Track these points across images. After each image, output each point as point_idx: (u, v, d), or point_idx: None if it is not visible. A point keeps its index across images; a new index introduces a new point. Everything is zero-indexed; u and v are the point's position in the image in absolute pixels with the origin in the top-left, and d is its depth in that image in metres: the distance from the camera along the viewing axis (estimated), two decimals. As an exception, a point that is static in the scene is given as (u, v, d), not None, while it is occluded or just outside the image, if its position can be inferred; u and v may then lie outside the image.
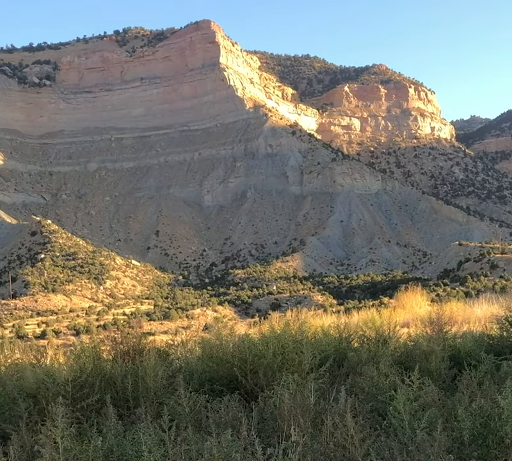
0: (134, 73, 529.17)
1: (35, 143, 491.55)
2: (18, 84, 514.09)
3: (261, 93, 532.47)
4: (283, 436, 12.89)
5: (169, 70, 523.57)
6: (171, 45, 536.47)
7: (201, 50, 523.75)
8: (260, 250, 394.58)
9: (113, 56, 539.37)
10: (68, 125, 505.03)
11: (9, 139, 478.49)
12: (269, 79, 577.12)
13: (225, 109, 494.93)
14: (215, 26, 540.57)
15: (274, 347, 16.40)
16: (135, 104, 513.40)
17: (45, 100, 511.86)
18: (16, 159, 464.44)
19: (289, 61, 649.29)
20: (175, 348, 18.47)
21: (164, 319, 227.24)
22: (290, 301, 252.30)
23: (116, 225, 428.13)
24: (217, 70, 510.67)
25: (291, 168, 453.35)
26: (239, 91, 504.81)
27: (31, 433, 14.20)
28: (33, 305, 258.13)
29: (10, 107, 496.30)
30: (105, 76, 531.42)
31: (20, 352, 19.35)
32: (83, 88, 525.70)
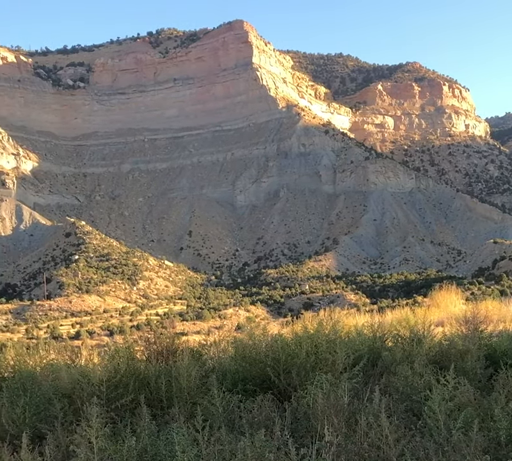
0: (167, 74, 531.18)
1: (69, 144, 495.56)
2: (52, 86, 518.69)
3: (294, 93, 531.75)
4: (317, 437, 12.82)
5: (202, 70, 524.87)
6: (204, 46, 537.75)
7: (234, 50, 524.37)
8: (293, 249, 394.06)
9: (146, 57, 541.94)
10: (102, 126, 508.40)
11: (44, 142, 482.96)
12: (302, 78, 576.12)
13: (258, 109, 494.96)
14: (248, 26, 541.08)
15: (308, 347, 16.33)
16: (168, 105, 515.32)
17: (79, 102, 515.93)
18: (51, 161, 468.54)
19: (322, 60, 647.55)
20: (208, 348, 18.47)
21: (196, 319, 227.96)
22: (323, 301, 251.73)
23: (149, 225, 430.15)
24: (250, 69, 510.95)
25: (324, 167, 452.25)
26: (271, 90, 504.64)
27: (66, 433, 14.28)
28: (67, 306, 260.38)
29: (45, 110, 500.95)
30: (138, 77, 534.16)
31: (55, 353, 19.47)
32: (117, 89, 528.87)
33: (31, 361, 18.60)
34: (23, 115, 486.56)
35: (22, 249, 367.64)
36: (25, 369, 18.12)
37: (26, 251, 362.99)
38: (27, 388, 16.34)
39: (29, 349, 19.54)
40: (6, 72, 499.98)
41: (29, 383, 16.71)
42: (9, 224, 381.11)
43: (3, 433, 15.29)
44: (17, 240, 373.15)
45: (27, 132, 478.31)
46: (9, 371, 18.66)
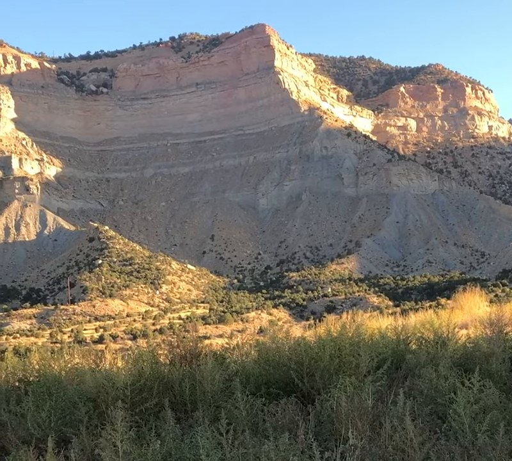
0: (190, 79, 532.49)
1: (92, 150, 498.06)
2: (75, 92, 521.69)
3: (316, 96, 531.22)
4: (341, 440, 12.79)
5: (225, 74, 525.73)
6: (226, 50, 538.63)
7: (256, 54, 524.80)
8: (315, 252, 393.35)
9: (169, 62, 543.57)
10: (125, 131, 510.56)
11: (67, 147, 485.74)
12: (324, 81, 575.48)
13: (280, 113, 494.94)
14: (270, 30, 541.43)
15: (331, 350, 16.30)
16: (190, 110, 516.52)
17: (102, 107, 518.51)
18: (74, 166, 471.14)
19: (344, 62, 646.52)
20: (231, 352, 18.49)
21: (219, 323, 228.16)
22: (346, 304, 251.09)
23: (172, 230, 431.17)
24: (272, 73, 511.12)
25: (346, 170, 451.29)
26: (293, 94, 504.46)
27: (91, 437, 14.35)
28: (91, 310, 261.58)
29: (68, 115, 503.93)
30: (161, 82, 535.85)
31: (79, 357, 19.58)
32: (139, 94, 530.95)
33: (56, 365, 18.72)
34: (47, 121, 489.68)
35: (46, 254, 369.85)
36: (51, 374, 18.23)
37: (50, 256, 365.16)
38: (53, 393, 16.43)
39: (54, 354, 19.67)
40: (29, 79, 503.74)
41: (54, 387, 16.79)
42: (33, 229, 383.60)
43: (29, 437, 15.39)
44: (41, 245, 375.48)
45: (50, 137, 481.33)
46: (35, 375, 18.78)
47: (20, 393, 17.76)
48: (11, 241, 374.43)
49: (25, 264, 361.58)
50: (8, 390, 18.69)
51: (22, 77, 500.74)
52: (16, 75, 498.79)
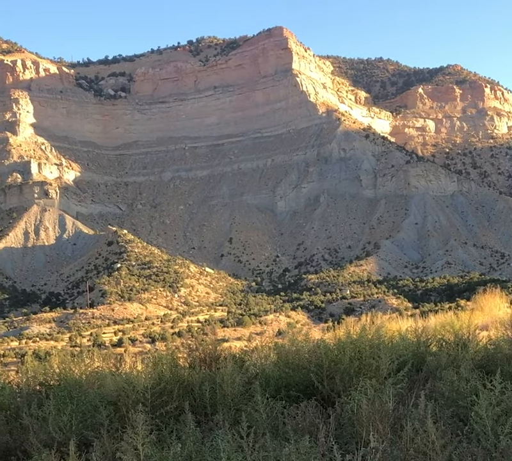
0: (207, 82, 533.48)
1: (111, 154, 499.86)
2: (94, 96, 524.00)
3: (334, 98, 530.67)
4: (362, 443, 12.74)
5: (242, 77, 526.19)
6: (244, 53, 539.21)
7: (273, 57, 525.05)
8: (334, 254, 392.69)
9: (187, 65, 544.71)
10: (143, 135, 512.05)
11: (86, 151, 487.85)
12: (342, 83, 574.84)
13: (298, 115, 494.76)
14: (287, 32, 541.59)
15: (351, 353, 16.25)
16: (208, 113, 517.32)
17: (121, 111, 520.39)
18: (93, 171, 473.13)
19: (362, 64, 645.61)
20: (250, 354, 18.48)
21: (237, 326, 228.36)
22: (364, 306, 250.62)
23: (190, 233, 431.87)
24: (290, 76, 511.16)
25: (365, 172, 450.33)
26: (311, 96, 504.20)
27: (112, 440, 14.37)
28: (110, 314, 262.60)
29: (87, 120, 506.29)
30: (179, 86, 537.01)
31: (99, 360, 19.62)
32: (157, 98, 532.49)
33: (77, 369, 18.77)
34: (65, 126, 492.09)
35: (65, 258, 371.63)
36: (71, 377, 18.29)
37: (69, 260, 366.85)
38: (74, 396, 16.49)
39: (74, 358, 19.73)
40: (48, 84, 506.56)
41: (75, 391, 16.85)
42: (52, 233, 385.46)
43: (50, 440, 15.44)
44: (60, 249, 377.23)
45: (69, 142, 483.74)
46: (55, 379, 18.84)
47: (41, 397, 17.83)
48: (31, 246, 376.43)
49: (44, 268, 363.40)
50: (29, 394, 18.77)
51: (40, 82, 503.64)
52: (35, 80, 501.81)
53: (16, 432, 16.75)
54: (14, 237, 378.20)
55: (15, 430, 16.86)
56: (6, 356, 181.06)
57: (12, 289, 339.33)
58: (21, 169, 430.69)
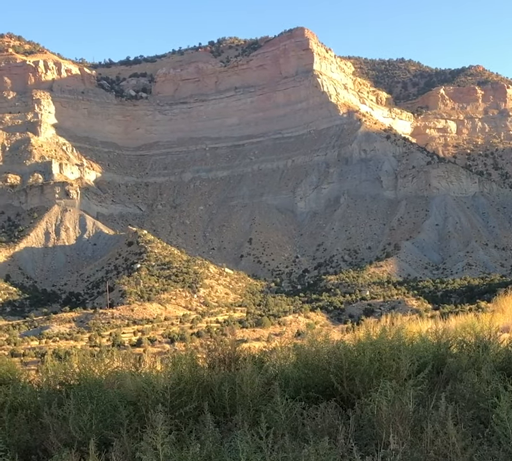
0: (228, 83, 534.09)
1: (132, 154, 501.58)
2: (115, 97, 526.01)
3: (355, 99, 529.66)
4: (382, 444, 12.69)
5: (263, 78, 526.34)
6: (265, 54, 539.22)
7: (295, 58, 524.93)
8: (353, 255, 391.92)
9: (208, 66, 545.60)
10: (164, 136, 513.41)
11: (107, 152, 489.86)
12: (363, 84, 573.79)
13: (319, 116, 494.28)
14: (308, 33, 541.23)
15: (371, 354, 16.19)
16: (229, 114, 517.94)
17: (142, 112, 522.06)
18: (114, 171, 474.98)
19: (383, 65, 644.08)
20: (269, 355, 18.45)
21: (256, 326, 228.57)
22: (384, 307, 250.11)
23: (209, 233, 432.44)
24: (311, 76, 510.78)
25: (385, 173, 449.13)
26: (332, 97, 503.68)
27: (131, 440, 14.40)
28: (129, 314, 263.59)
29: (108, 120, 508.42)
30: (200, 87, 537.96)
31: (118, 360, 19.67)
32: (178, 99, 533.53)
33: (97, 369, 18.84)
34: (86, 126, 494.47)
35: (85, 258, 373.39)
36: (91, 377, 18.36)
37: (89, 261, 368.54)
38: (94, 396, 16.54)
39: (94, 357, 19.79)
40: (70, 84, 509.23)
41: (95, 390, 16.91)
42: (73, 234, 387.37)
43: (70, 440, 15.50)
44: (81, 249, 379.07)
45: (90, 143, 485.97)
46: (75, 379, 18.92)
47: (61, 396, 17.90)
48: (51, 246, 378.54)
49: (64, 268, 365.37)
50: (49, 393, 18.85)
51: (62, 83, 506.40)
52: (57, 81, 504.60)
53: (36, 431, 16.83)
54: (35, 237, 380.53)
55: (35, 429, 16.95)
56: (26, 356, 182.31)
57: (33, 289, 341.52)
58: (42, 169, 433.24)
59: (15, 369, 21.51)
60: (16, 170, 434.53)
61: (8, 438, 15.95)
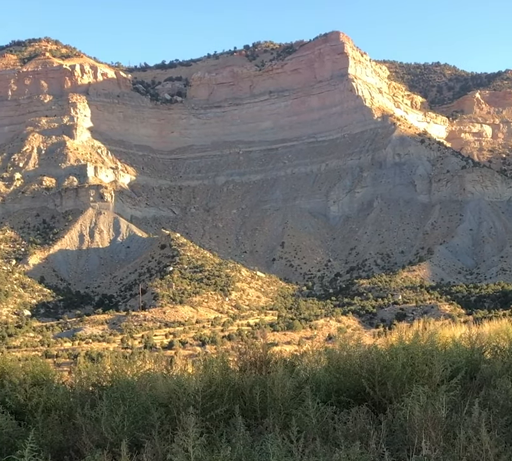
0: (263, 87, 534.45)
1: (166, 158, 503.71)
2: (150, 101, 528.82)
3: (389, 103, 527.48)
4: (414, 450, 12.60)
5: (298, 82, 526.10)
6: (300, 58, 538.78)
7: (329, 62, 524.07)
8: (386, 259, 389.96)
9: (243, 70, 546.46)
10: (198, 139, 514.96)
11: (141, 155, 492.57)
12: (398, 88, 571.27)
13: (353, 120, 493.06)
14: (344, 37, 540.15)
15: (403, 359, 16.08)
16: (263, 117, 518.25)
17: (176, 116, 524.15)
18: (148, 174, 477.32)
19: (419, 69, 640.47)
20: (300, 359, 18.43)
21: (287, 330, 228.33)
22: (416, 311, 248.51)
23: (242, 237, 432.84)
24: (346, 80, 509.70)
25: (419, 177, 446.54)
26: (367, 101, 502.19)
27: (162, 442, 14.45)
28: (161, 317, 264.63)
29: (143, 124, 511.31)
30: (234, 91, 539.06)
31: (150, 362, 19.77)
32: (213, 102, 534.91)
33: (129, 371, 18.94)
34: (122, 130, 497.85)
35: (118, 261, 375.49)
36: (124, 379, 18.46)
37: (123, 263, 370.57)
38: (126, 398, 16.63)
39: (126, 359, 19.91)
40: (106, 88, 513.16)
41: (128, 392, 16.99)
42: (107, 236, 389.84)
43: (102, 441, 15.60)
44: (114, 252, 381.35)
45: (125, 146, 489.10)
46: (108, 380, 19.04)
47: (94, 398, 18.03)
48: (85, 248, 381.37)
49: (98, 271, 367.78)
50: (82, 394, 19.00)
51: (98, 86, 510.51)
52: (92, 84, 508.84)
53: (69, 432, 16.96)
54: (69, 240, 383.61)
55: (68, 430, 17.08)
56: (59, 357, 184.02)
57: (66, 291, 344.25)
58: (77, 172, 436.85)
59: (49, 370, 21.71)
60: (52, 173, 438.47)
61: (41, 439, 16.08)
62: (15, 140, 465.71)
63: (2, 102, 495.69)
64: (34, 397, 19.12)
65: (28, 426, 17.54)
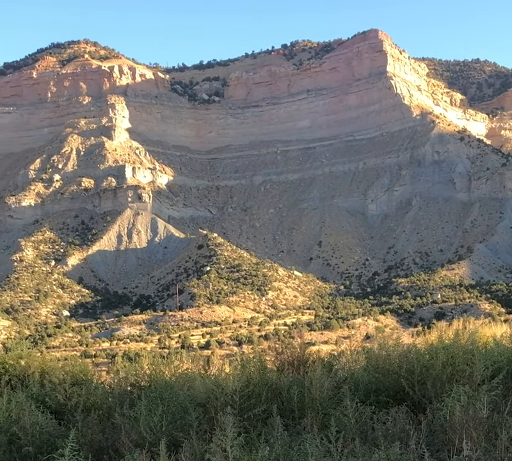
0: (301, 86, 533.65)
1: (203, 158, 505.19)
2: (188, 101, 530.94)
3: (428, 100, 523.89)
4: (454, 450, 12.44)
5: (336, 81, 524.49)
6: (338, 56, 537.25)
7: (368, 60, 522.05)
8: (425, 258, 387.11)
9: (280, 69, 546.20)
10: (235, 139, 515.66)
11: (179, 156, 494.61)
12: (437, 85, 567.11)
13: (391, 118, 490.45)
14: (382, 35, 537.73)
15: (443, 358, 15.89)
16: (301, 116, 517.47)
17: (214, 116, 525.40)
18: (186, 175, 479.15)
19: (458, 66, 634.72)
20: (338, 358, 18.31)
21: (324, 329, 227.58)
22: (456, 310, 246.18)
23: (279, 236, 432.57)
24: (384, 78, 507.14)
25: (458, 175, 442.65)
26: (405, 99, 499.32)
27: (200, 442, 14.45)
28: (198, 317, 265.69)
29: (181, 124, 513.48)
30: (272, 90, 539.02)
31: (187, 362, 19.81)
32: (250, 102, 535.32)
33: (167, 371, 18.99)
34: (159, 130, 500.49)
35: (156, 261, 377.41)
36: (162, 379, 18.52)
37: (160, 263, 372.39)
38: (165, 398, 16.67)
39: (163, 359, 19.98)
40: (144, 89, 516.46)
41: (166, 392, 17.04)
42: (144, 237, 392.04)
43: (141, 440, 15.65)
44: (152, 252, 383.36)
45: (163, 146, 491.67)
46: (146, 380, 19.11)
47: (132, 397, 18.10)
48: (123, 249, 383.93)
49: (136, 271, 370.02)
50: (120, 394, 19.09)
51: (136, 87, 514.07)
52: (131, 85, 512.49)
53: (108, 431, 17.05)
54: (108, 241, 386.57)
55: (107, 429, 17.17)
56: (98, 357, 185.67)
57: (104, 291, 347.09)
58: (116, 173, 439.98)
59: (88, 370, 21.87)
60: (91, 174, 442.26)
61: (81, 438, 16.19)
62: (54, 142, 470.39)
63: (42, 104, 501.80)
64: (73, 396, 19.28)
65: (68, 425, 17.67)
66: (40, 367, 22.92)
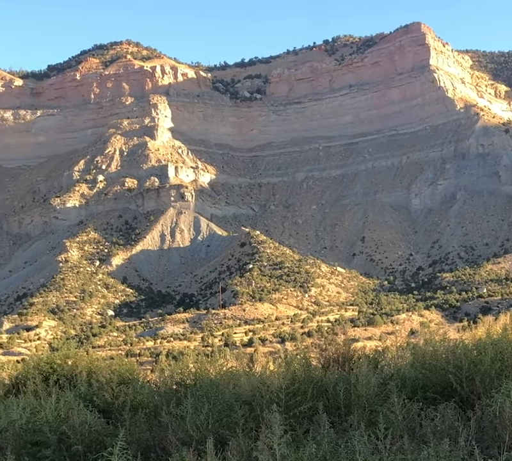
0: (343, 81, 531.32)
1: (245, 156, 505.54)
2: (230, 99, 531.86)
3: (472, 93, 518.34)
4: (505, 447, 12.24)
5: (378, 75, 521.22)
6: (380, 51, 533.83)
7: (410, 54, 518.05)
8: (470, 252, 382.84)
9: (322, 65, 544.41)
10: (277, 136, 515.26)
11: (221, 154, 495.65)
12: (481, 77, 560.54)
13: (435, 111, 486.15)
14: (425, 28, 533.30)
15: (492, 353, 15.66)
16: (343, 112, 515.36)
17: (256, 113, 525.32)
18: (228, 173, 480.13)
19: (503, 57, 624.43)
20: (383, 355, 18.15)
21: (368, 325, 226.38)
22: (502, 304, 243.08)
23: (322, 232, 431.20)
24: (427, 72, 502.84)
25: (504, 167, 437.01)
26: (449, 92, 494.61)
27: (247, 439, 14.44)
28: (241, 314, 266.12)
29: (223, 122, 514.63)
30: (314, 86, 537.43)
31: (232, 360, 19.82)
32: (292, 99, 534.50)
33: (212, 369, 19.02)
34: (202, 129, 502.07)
35: (199, 259, 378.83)
36: (207, 377, 18.55)
37: (203, 262, 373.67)
38: (210, 396, 16.69)
39: (208, 357, 20.02)
40: (186, 88, 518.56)
41: (212, 390, 17.06)
42: (187, 235, 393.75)
43: (188, 439, 15.68)
44: (195, 251, 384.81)
45: (205, 145, 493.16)
46: (191, 379, 19.15)
47: (178, 396, 18.16)
48: (167, 248, 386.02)
49: (179, 270, 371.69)
50: (166, 392, 19.16)
51: (178, 86, 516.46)
52: (173, 85, 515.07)
53: (155, 430, 17.12)
54: (151, 240, 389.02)
55: (154, 428, 17.25)
56: (142, 356, 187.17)
57: (148, 291, 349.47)
58: (158, 173, 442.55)
59: (134, 369, 22.00)
60: (134, 174, 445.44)
61: (128, 437, 16.27)
62: (98, 143, 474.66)
63: (86, 106, 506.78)
64: (120, 395, 19.41)
65: (115, 424, 17.79)
66: (87, 366, 23.12)
